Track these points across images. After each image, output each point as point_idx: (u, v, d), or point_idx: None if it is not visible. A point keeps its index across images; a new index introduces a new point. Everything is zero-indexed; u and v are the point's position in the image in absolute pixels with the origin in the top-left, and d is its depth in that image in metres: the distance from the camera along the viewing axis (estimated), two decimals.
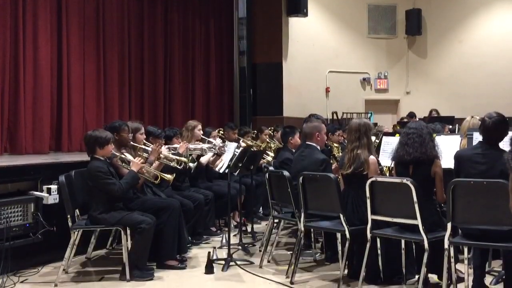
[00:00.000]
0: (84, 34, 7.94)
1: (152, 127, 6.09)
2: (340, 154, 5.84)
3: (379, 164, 4.77)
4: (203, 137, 6.73)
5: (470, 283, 4.11)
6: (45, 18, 7.27)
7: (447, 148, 4.71)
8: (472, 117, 5.64)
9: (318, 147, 5.29)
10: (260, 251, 5.66)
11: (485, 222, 3.77)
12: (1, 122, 6.77)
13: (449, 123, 8.00)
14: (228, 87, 11.03)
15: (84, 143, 5.07)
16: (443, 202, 4.24)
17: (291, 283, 4.66)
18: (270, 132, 8.50)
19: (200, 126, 6.74)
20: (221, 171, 5.85)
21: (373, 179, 4.24)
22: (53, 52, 7.45)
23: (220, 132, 7.43)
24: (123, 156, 5.09)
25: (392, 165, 4.63)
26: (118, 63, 8.53)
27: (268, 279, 4.87)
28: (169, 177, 5.25)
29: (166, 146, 5.88)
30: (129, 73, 8.80)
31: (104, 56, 8.29)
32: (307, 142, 5.31)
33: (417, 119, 10.69)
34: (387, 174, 5.12)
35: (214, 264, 5.08)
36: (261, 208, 7.62)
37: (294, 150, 5.95)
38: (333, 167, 5.13)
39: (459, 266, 4.35)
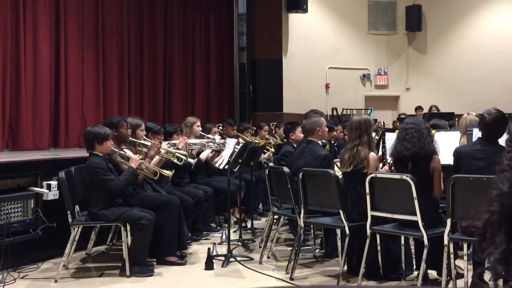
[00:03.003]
0: (83, 30, 7.93)
1: (151, 123, 6.09)
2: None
3: (385, 160, 4.74)
4: (202, 133, 6.73)
5: (470, 279, 4.12)
6: (44, 15, 7.26)
7: (447, 144, 4.71)
8: (469, 113, 5.63)
9: (320, 142, 5.29)
10: (260, 247, 5.66)
11: None
12: (2, 118, 6.77)
13: (448, 119, 8.00)
14: (228, 83, 11.00)
15: (83, 139, 5.07)
16: (439, 197, 4.24)
17: (291, 279, 4.66)
18: (271, 127, 8.50)
19: (198, 123, 6.74)
20: (221, 167, 5.84)
21: (373, 175, 4.24)
22: (52, 49, 7.44)
23: (220, 128, 7.43)
24: (122, 152, 5.09)
25: (391, 161, 4.62)
26: (118, 59, 8.52)
27: (268, 275, 4.87)
28: (168, 173, 5.26)
29: (166, 142, 5.88)
30: (129, 69, 8.78)
31: (103, 52, 8.27)
32: (308, 138, 5.31)
33: (422, 113, 10.70)
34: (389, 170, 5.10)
35: (214, 260, 5.08)
36: (261, 204, 7.62)
37: (295, 145, 5.97)
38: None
39: (458, 262, 4.35)
